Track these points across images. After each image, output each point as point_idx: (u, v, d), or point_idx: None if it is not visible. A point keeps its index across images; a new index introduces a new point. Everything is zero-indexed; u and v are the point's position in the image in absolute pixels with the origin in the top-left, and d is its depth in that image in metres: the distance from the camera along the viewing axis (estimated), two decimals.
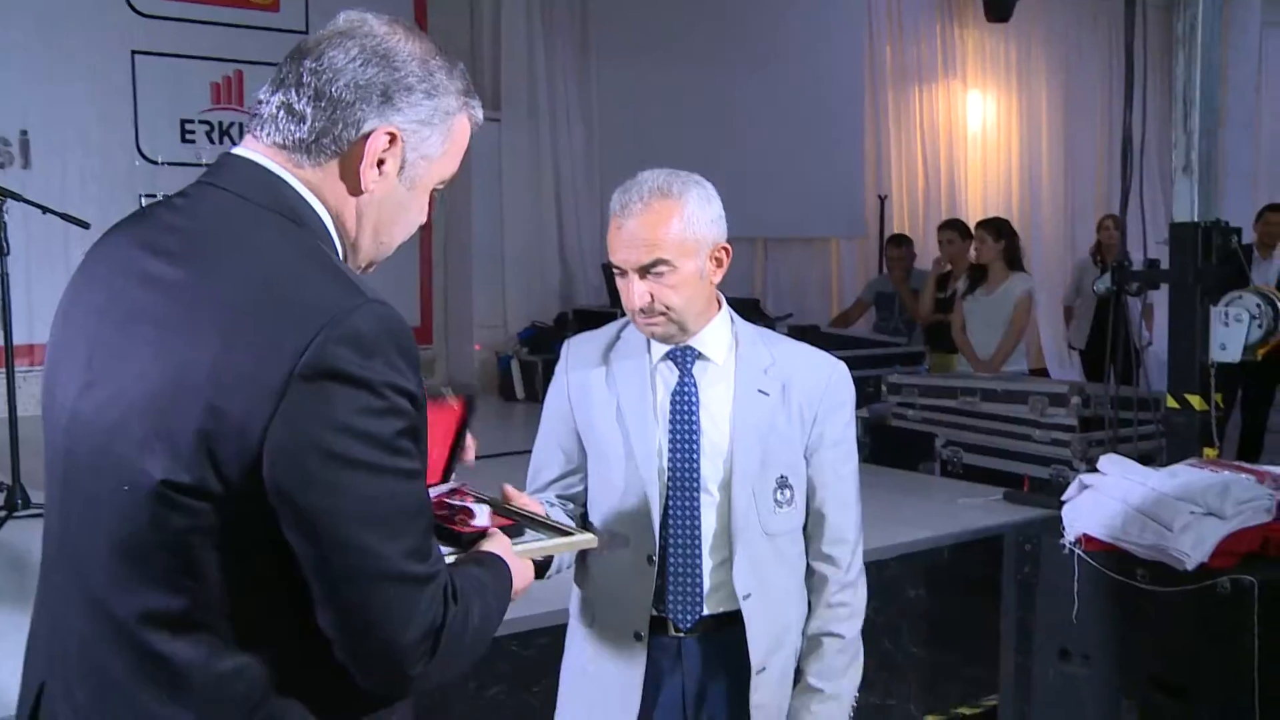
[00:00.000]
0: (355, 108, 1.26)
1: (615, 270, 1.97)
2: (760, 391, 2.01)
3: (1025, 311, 6.13)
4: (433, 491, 1.58)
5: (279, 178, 1.27)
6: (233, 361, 1.14)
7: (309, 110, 1.26)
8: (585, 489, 2.12)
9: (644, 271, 1.93)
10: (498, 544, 1.47)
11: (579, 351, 2.15)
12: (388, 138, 1.28)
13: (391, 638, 1.18)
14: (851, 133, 10.02)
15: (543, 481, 2.14)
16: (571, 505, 2.11)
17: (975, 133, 11.12)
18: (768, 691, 2.02)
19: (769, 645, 2.02)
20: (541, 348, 7.90)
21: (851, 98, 10.02)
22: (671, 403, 2.02)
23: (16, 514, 4.16)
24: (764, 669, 2.01)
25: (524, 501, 1.73)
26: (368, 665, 1.20)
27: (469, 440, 1.65)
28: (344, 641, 1.19)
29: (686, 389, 2.02)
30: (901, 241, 7.94)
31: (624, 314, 2.03)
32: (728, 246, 2.01)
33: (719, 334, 2.05)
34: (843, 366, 2.10)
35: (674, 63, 8.92)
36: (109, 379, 1.22)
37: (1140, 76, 3.87)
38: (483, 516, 1.61)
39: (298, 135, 1.27)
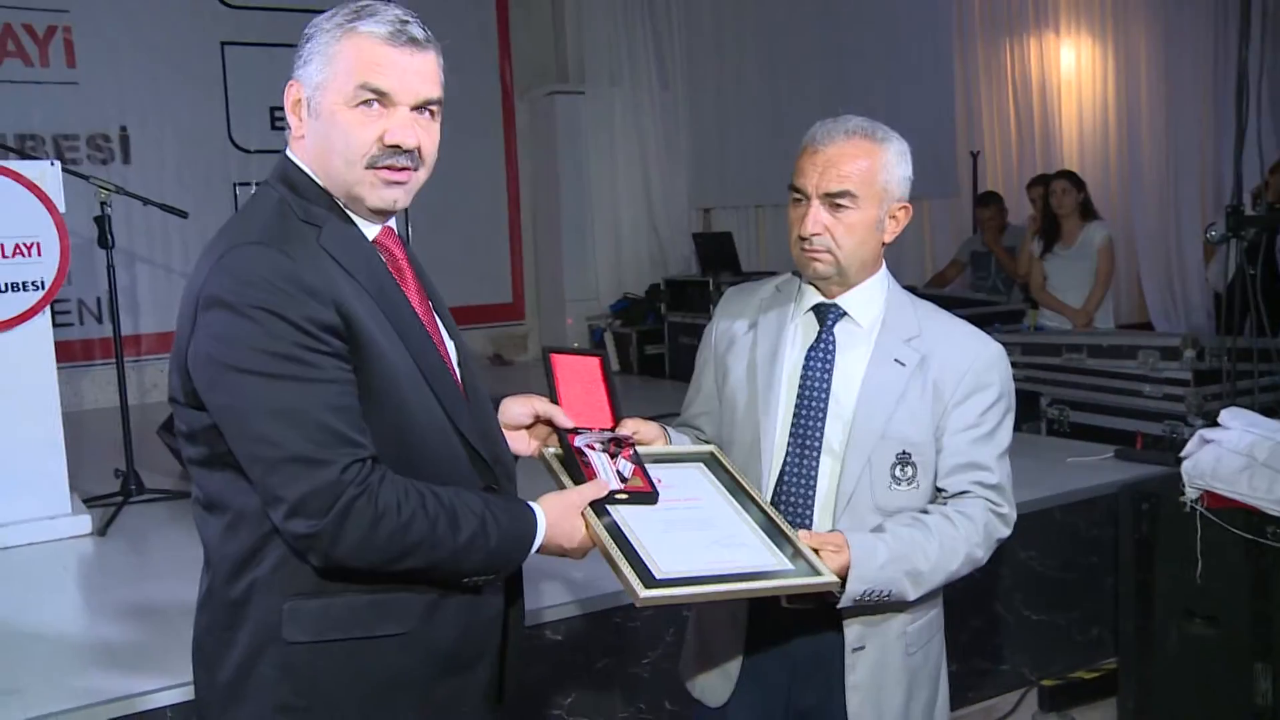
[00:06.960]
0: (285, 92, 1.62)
1: (794, 195, 1.94)
2: (897, 361, 1.94)
3: (1109, 258, 6.01)
4: (596, 437, 1.80)
5: (285, 155, 1.64)
6: (186, 299, 1.52)
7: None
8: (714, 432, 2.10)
9: (826, 199, 1.90)
10: (562, 496, 1.67)
11: (732, 301, 2.14)
12: (292, 90, 1.61)
13: (292, 508, 1.42)
14: (942, 88, 9.74)
15: (688, 419, 2.16)
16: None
17: (1069, 82, 10.75)
18: (866, 672, 1.94)
19: (868, 623, 1.93)
20: (634, 319, 7.88)
21: (941, 52, 9.74)
22: (806, 359, 1.98)
23: (132, 499, 4.27)
24: (861, 647, 1.94)
25: (640, 427, 1.88)
26: (283, 529, 1.45)
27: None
28: (268, 510, 1.46)
29: (825, 346, 1.97)
30: (989, 200, 7.71)
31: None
32: (909, 207, 1.98)
33: (871, 295, 2.00)
34: (995, 349, 1.99)
35: (757, 24, 8.77)
36: None
37: (1258, 11, 3.67)
38: (604, 473, 1.72)
39: (283, 124, 1.67)
